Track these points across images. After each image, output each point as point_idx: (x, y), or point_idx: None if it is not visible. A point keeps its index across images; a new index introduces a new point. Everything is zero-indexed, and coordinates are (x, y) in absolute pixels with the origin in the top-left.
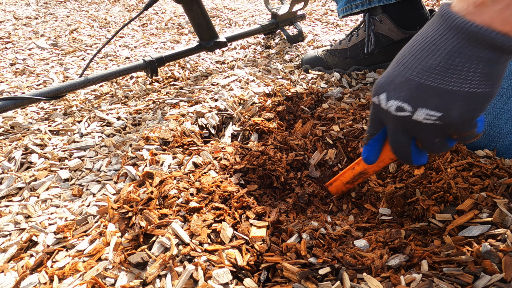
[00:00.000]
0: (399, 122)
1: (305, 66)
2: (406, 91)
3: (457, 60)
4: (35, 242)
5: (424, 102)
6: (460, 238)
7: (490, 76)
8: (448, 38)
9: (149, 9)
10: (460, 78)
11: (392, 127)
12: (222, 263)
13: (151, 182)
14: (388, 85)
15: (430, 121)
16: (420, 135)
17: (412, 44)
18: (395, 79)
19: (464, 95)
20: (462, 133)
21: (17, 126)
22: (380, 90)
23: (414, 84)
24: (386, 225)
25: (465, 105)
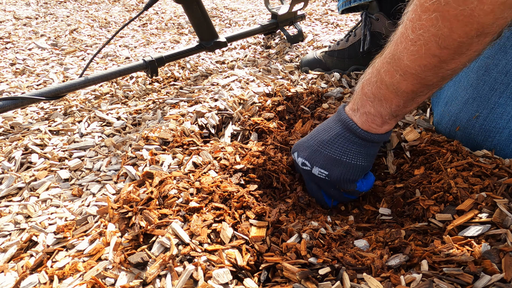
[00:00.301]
0: (306, 174)
1: (304, 68)
2: (307, 153)
3: (340, 140)
4: (35, 242)
5: (317, 162)
6: (460, 238)
7: (363, 154)
8: (337, 126)
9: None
10: (340, 151)
11: (305, 178)
12: (222, 263)
13: (151, 182)
14: (299, 147)
15: (322, 176)
16: (320, 185)
17: (319, 125)
18: (304, 144)
19: (343, 163)
20: (345, 189)
21: (17, 126)
22: (294, 150)
23: (313, 149)
24: (386, 225)
25: (343, 170)
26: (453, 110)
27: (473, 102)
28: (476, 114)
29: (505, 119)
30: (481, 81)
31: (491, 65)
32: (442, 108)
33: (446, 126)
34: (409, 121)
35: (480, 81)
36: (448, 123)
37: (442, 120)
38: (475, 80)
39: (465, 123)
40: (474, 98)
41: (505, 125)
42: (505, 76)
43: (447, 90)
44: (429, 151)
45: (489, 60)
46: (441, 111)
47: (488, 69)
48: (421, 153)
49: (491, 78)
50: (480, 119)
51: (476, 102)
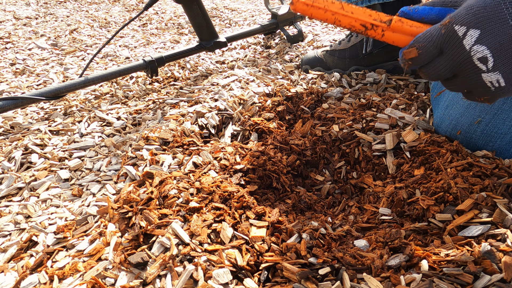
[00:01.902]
0: (469, 71)
1: (305, 67)
2: (505, 43)
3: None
4: (35, 242)
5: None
6: (460, 238)
7: None
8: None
9: (149, 9)
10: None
11: (451, 64)
12: (222, 263)
13: (151, 182)
14: (483, 23)
15: (493, 88)
16: (473, 80)
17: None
18: (493, 16)
19: None
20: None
21: (17, 126)
22: (476, 26)
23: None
24: (386, 225)
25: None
26: (454, 114)
27: (475, 107)
28: (478, 119)
29: (507, 125)
30: None
31: None
32: (442, 111)
33: (446, 129)
34: (409, 121)
35: None
36: (449, 126)
37: (442, 124)
38: None
39: (466, 128)
40: (476, 103)
41: (507, 131)
42: None
43: (448, 93)
44: (429, 151)
45: None
46: (441, 114)
47: None
48: (421, 153)
49: None
50: (482, 124)
51: (479, 107)
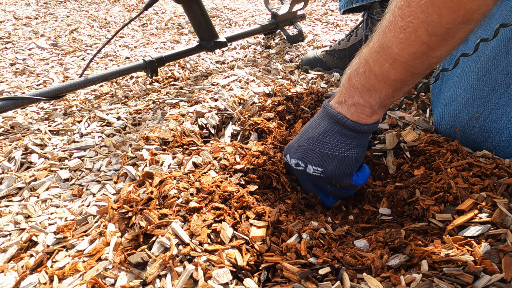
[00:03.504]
0: (300, 174)
1: (305, 67)
2: (299, 153)
3: (330, 135)
4: (35, 242)
5: (310, 160)
6: (460, 238)
7: (355, 146)
8: (325, 121)
9: (149, 9)
10: (332, 145)
11: (299, 178)
12: (222, 263)
13: (151, 182)
14: (290, 149)
15: (317, 174)
16: (316, 183)
17: (307, 124)
18: (295, 145)
19: (336, 157)
20: (342, 184)
21: (17, 126)
22: (285, 152)
23: (304, 148)
24: (386, 225)
25: (337, 164)
26: (453, 111)
27: (473, 103)
28: (476, 115)
29: (505, 120)
30: (482, 82)
31: (492, 66)
32: (442, 108)
33: (446, 126)
34: (409, 121)
35: (480, 82)
36: (448, 123)
37: (442, 121)
38: (475, 81)
39: (465, 124)
40: (474, 99)
41: (505, 126)
42: (506, 77)
43: (447, 90)
44: (429, 151)
45: (490, 61)
46: (441, 112)
47: (489, 70)
48: (421, 153)
49: (492, 79)
50: (480, 119)
51: (476, 103)
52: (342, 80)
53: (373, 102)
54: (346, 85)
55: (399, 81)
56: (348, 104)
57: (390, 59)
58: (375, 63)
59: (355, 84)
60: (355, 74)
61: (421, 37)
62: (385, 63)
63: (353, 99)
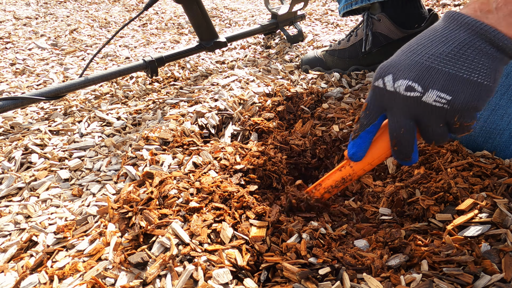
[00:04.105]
0: (407, 104)
1: (305, 67)
2: (416, 72)
3: (468, 52)
4: (35, 242)
5: (435, 83)
6: (460, 238)
7: (494, 72)
8: (460, 32)
9: (149, 9)
10: (470, 67)
11: (398, 111)
12: (222, 263)
13: (151, 182)
14: (395, 67)
15: (439, 104)
16: (426, 119)
17: (419, 37)
18: (403, 62)
19: (473, 83)
20: (464, 122)
21: (17, 126)
22: (385, 72)
23: (424, 66)
24: (386, 225)
25: (473, 93)
26: None
27: None
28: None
29: (505, 121)
30: None
31: None
32: None
33: None
34: None
35: None
36: None
37: None
38: None
39: None
40: None
41: (506, 127)
42: (505, 78)
43: None
44: (429, 151)
45: None
46: None
47: None
48: (421, 153)
49: None
50: (480, 120)
51: None
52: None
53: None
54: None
55: None
56: (503, 12)
57: None
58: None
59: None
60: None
61: None
62: None
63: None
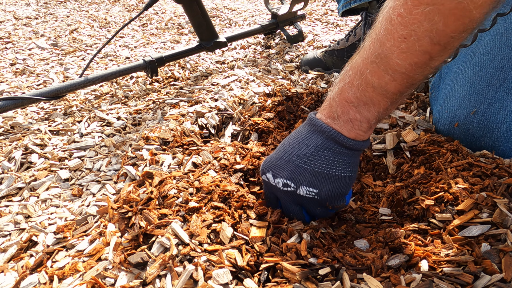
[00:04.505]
0: (287, 196)
1: (304, 68)
2: (288, 171)
3: (325, 152)
4: (35, 242)
5: (303, 180)
6: (460, 238)
7: (349, 165)
8: (317, 137)
9: (149, 9)
10: (328, 164)
11: (284, 200)
12: (222, 263)
13: (151, 182)
14: (273, 166)
15: (311, 196)
16: (305, 205)
17: (290, 138)
18: (278, 162)
19: (332, 177)
20: (335, 205)
21: (17, 126)
22: (266, 170)
23: (294, 166)
24: (386, 225)
25: (334, 184)
26: (451, 107)
27: (471, 98)
28: (474, 110)
29: (502, 114)
30: (478, 77)
31: (487, 61)
32: (441, 105)
33: (445, 123)
34: (409, 121)
35: (476, 77)
36: (447, 119)
37: (441, 117)
38: (471, 77)
39: (463, 119)
40: (471, 94)
41: (503, 120)
42: (501, 72)
43: (445, 87)
44: (429, 151)
45: (485, 56)
46: (439, 109)
47: (484, 65)
48: (421, 153)
49: (488, 74)
50: (478, 114)
51: (474, 98)
52: (331, 94)
53: (371, 116)
54: (337, 99)
55: (397, 93)
56: (342, 120)
57: (390, 70)
58: (372, 74)
59: (350, 98)
60: (349, 87)
61: (424, 46)
62: (385, 74)
63: (348, 115)
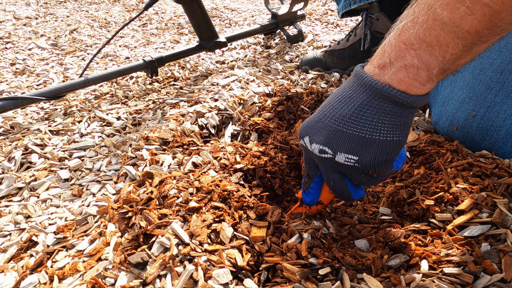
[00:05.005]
0: (326, 163)
1: (304, 68)
2: (325, 136)
3: (368, 112)
4: (35, 242)
5: (341, 146)
6: (460, 238)
7: (398, 127)
8: (360, 93)
9: (149, 9)
10: (370, 127)
11: (323, 168)
12: (222, 263)
13: (151, 182)
14: (311, 129)
15: (351, 163)
16: (347, 173)
17: (332, 96)
18: (316, 124)
19: (376, 142)
20: (380, 173)
21: (17, 126)
22: (303, 134)
23: (331, 129)
24: (386, 225)
25: (378, 151)
26: (450, 110)
27: (470, 101)
28: (473, 113)
29: (501, 118)
30: (477, 81)
31: (487, 64)
32: (439, 108)
33: (443, 126)
34: None
35: (476, 81)
36: (446, 122)
37: (440, 120)
38: (471, 80)
39: (462, 123)
40: (470, 97)
41: (502, 123)
42: (500, 75)
43: (444, 90)
44: (429, 151)
45: (484, 60)
46: (438, 111)
47: (483, 69)
48: (421, 153)
49: (487, 77)
50: (477, 118)
51: (473, 101)
52: (388, 37)
53: (433, 62)
54: (394, 42)
55: (474, 33)
56: (396, 67)
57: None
58: (444, 7)
59: (409, 39)
60: (412, 25)
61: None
62: (460, 5)
63: (404, 60)
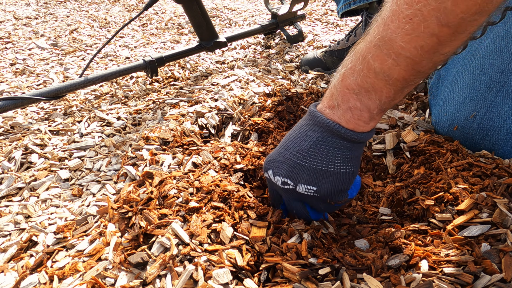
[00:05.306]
0: (288, 193)
1: (304, 68)
2: (286, 169)
3: (323, 147)
4: (35, 242)
5: (301, 178)
6: (460, 238)
7: (349, 159)
8: (315, 130)
9: (149, 9)
10: (326, 160)
11: (286, 197)
12: (222, 263)
13: (151, 182)
14: (273, 163)
15: (310, 193)
16: (307, 202)
17: (290, 132)
18: (278, 159)
19: (331, 173)
20: (337, 201)
21: (17, 126)
22: (267, 167)
23: (292, 163)
24: (386, 225)
25: (334, 181)
26: (451, 110)
27: (470, 101)
28: (473, 113)
29: (502, 118)
30: (477, 81)
31: (487, 64)
32: (440, 108)
33: (444, 126)
34: (408, 121)
35: (476, 81)
36: (446, 123)
37: (440, 120)
38: (471, 80)
39: (462, 123)
40: (470, 97)
41: (502, 124)
42: (501, 75)
43: (444, 90)
44: (429, 151)
45: (485, 60)
46: (438, 112)
47: (484, 69)
48: (421, 153)
49: (487, 77)
50: (477, 118)
51: (473, 102)
52: (333, 81)
53: (372, 105)
54: (339, 87)
55: (401, 80)
56: (342, 109)
57: (393, 53)
58: (375, 59)
59: (351, 85)
60: (351, 72)
61: (431, 27)
62: (387, 58)
63: (349, 103)
